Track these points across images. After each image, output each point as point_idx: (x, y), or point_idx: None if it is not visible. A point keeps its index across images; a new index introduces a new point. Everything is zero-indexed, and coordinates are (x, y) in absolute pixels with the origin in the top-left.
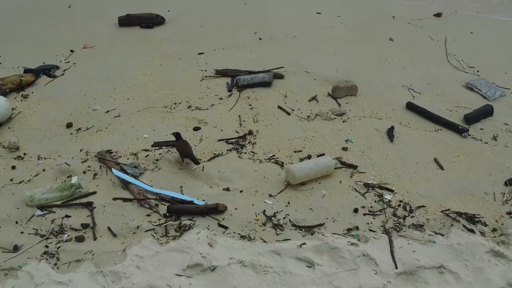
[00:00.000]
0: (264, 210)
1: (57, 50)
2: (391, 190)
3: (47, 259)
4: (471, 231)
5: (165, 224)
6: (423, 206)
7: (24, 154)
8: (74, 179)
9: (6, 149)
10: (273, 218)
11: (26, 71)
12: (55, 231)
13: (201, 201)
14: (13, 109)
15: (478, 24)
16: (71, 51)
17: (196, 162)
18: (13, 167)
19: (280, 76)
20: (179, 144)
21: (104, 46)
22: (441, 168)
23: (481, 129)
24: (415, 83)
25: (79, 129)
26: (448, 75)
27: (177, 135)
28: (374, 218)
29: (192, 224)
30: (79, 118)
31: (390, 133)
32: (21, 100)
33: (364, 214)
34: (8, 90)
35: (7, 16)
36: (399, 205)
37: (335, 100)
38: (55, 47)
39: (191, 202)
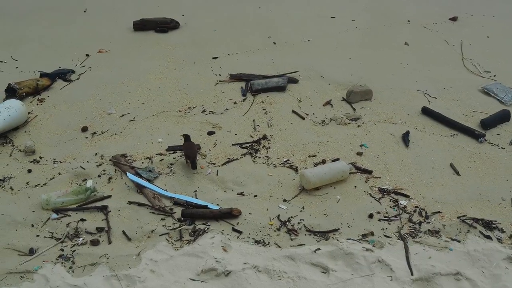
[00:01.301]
0: (279, 215)
1: (72, 54)
2: (406, 196)
3: (62, 263)
4: (488, 237)
5: (180, 228)
6: (439, 212)
7: (40, 157)
8: (89, 183)
9: (22, 153)
10: (287, 223)
11: (42, 75)
12: (70, 234)
13: (215, 205)
14: (29, 113)
15: (495, 28)
16: (87, 55)
17: (194, 166)
18: (29, 171)
19: (294, 81)
20: (184, 145)
21: (119, 50)
22: (457, 173)
23: (497, 134)
24: (431, 88)
25: (94, 133)
26: (464, 79)
27: (186, 137)
28: (390, 224)
29: (206, 229)
30: (94, 122)
31: (406, 138)
32: (37, 104)
33: (379, 220)
34: (24, 94)
35: (23, 20)
36: (414, 211)
37: (350, 104)
38: (70, 51)
39: (206, 207)
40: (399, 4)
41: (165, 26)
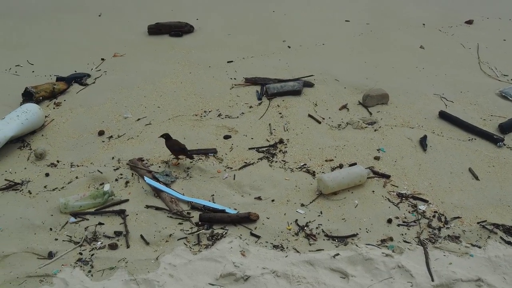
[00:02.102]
0: (296, 220)
1: (88, 58)
2: (425, 201)
3: (81, 266)
4: (509, 243)
5: (198, 232)
6: (458, 217)
7: (57, 161)
8: (106, 187)
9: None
10: (305, 228)
11: (59, 79)
12: (89, 238)
13: (233, 210)
14: (46, 116)
15: (511, 31)
16: (102, 59)
17: (191, 156)
18: (47, 174)
19: (309, 85)
20: (169, 143)
21: (134, 54)
22: (476, 178)
23: None
24: (447, 92)
25: (111, 136)
26: (481, 83)
27: (166, 136)
28: (409, 229)
29: (224, 233)
30: (111, 126)
31: (423, 142)
32: (54, 108)
33: (398, 225)
34: (41, 98)
35: (38, 24)
36: (433, 216)
37: (366, 108)
38: (86, 55)
39: (223, 211)
40: (414, 8)
41: (179, 30)
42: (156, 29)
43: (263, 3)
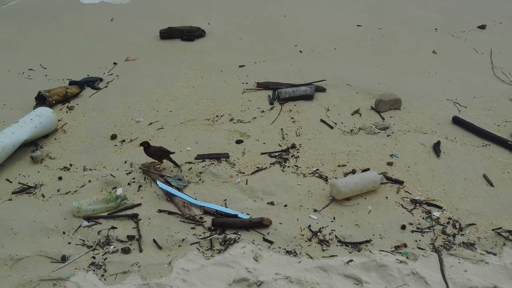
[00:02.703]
0: (309, 225)
1: (100, 63)
2: (439, 207)
3: (94, 270)
4: None
5: (210, 237)
6: (473, 224)
7: (70, 165)
8: (119, 191)
9: (53, 160)
10: (318, 234)
11: (71, 83)
12: (102, 242)
13: (245, 215)
14: (59, 120)
15: None
16: (114, 63)
17: (176, 164)
18: (60, 178)
19: (321, 89)
20: (150, 151)
21: (146, 58)
22: (491, 184)
23: None
24: (461, 97)
25: (123, 140)
26: (495, 88)
27: (145, 144)
28: (423, 236)
29: (237, 238)
30: (123, 130)
31: (437, 148)
32: (67, 112)
33: (412, 231)
34: (54, 101)
35: (52, 29)
36: (448, 223)
37: (379, 113)
38: (98, 59)
39: (236, 216)
40: (426, 13)
41: (191, 34)
42: (168, 34)
43: (274, 8)
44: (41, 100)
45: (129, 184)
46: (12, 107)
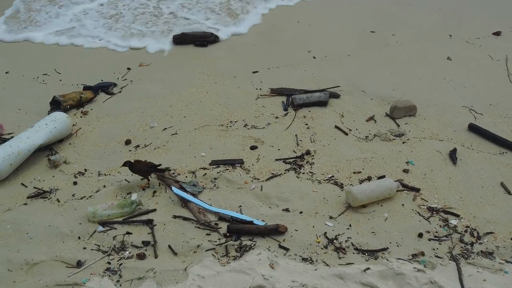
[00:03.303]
0: (325, 233)
1: (114, 68)
2: (456, 215)
3: (109, 276)
4: None
5: (226, 244)
6: (491, 233)
7: (85, 170)
8: (134, 196)
9: (68, 165)
10: (334, 241)
11: (85, 88)
12: (117, 247)
13: (260, 221)
14: (73, 125)
15: None
16: (128, 68)
17: (162, 170)
18: (75, 183)
19: (336, 95)
20: (136, 168)
21: (160, 64)
22: (509, 193)
23: None
24: (476, 104)
25: (138, 146)
26: (511, 95)
27: (127, 163)
28: (440, 244)
29: (252, 245)
30: (137, 135)
31: (453, 155)
32: (81, 117)
33: (429, 239)
34: (68, 106)
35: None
36: (465, 231)
37: (394, 120)
38: (112, 65)
39: (251, 222)
40: (440, 19)
41: (204, 40)
42: (181, 39)
43: (287, 13)
44: (56, 105)
45: (143, 189)
46: (27, 112)
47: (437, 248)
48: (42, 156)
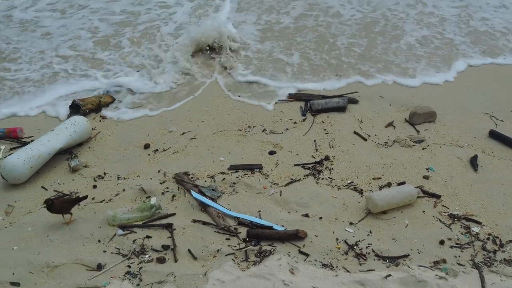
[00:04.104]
0: (346, 239)
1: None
2: (478, 222)
3: (129, 279)
4: None
5: (245, 248)
6: None
7: (104, 173)
8: (153, 200)
9: (88, 168)
10: (355, 247)
11: (104, 92)
12: (137, 251)
13: (280, 226)
14: (92, 129)
15: None
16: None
17: (82, 198)
18: (94, 186)
19: (354, 101)
20: (57, 206)
21: None
22: None
23: None
24: (497, 110)
25: (156, 150)
26: None
27: (50, 201)
28: (462, 251)
29: (272, 250)
30: (156, 140)
31: (474, 162)
32: (100, 121)
33: (451, 247)
34: (87, 110)
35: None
36: (488, 238)
37: (413, 126)
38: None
39: (271, 228)
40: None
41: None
42: None
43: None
44: (75, 109)
45: (163, 193)
46: (46, 116)
47: (459, 256)
48: (62, 160)
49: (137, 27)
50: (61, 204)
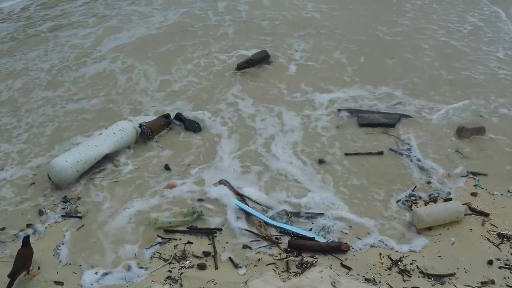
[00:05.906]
0: (389, 254)
1: None
2: None
3: (170, 284)
4: None
5: (287, 259)
6: None
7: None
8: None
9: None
10: (399, 263)
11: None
12: (178, 256)
13: (322, 238)
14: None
15: None
16: None
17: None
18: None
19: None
20: (19, 265)
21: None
22: None
23: None
24: None
25: None
26: None
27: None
28: None
29: (314, 262)
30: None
31: None
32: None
33: (500, 267)
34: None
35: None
36: None
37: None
38: None
39: (313, 239)
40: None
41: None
42: (246, 64)
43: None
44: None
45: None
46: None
47: (509, 277)
48: (105, 162)
49: None
50: (25, 254)
